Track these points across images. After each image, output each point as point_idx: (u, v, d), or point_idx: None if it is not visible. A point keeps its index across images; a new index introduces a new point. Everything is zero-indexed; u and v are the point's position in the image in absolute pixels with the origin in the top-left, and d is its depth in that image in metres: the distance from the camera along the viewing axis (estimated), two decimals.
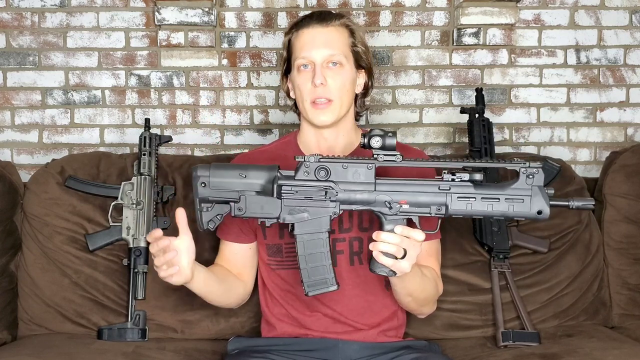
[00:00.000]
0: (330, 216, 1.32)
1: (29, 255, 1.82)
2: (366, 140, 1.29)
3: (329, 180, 1.31)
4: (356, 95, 1.57)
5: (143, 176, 1.82)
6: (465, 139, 2.06)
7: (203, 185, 1.32)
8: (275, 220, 1.32)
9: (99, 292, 1.79)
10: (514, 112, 2.31)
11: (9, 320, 1.79)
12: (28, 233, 1.83)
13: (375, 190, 1.30)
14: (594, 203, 1.31)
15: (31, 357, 1.53)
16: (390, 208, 1.30)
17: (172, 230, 1.81)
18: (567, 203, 1.30)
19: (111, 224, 1.80)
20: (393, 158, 1.29)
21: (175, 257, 1.33)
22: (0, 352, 1.61)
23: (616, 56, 2.30)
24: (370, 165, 1.30)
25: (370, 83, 1.59)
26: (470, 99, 2.20)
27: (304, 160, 1.31)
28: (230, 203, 1.32)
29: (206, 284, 1.46)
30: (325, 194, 1.30)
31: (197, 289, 1.45)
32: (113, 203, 1.80)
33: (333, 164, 1.31)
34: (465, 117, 2.02)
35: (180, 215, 1.35)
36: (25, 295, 1.81)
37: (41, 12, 2.25)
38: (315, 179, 1.31)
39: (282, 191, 1.31)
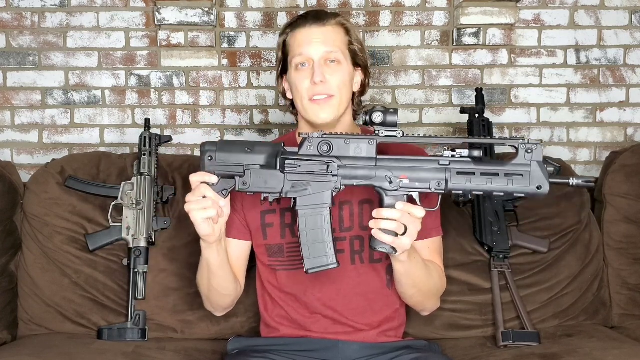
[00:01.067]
0: (332, 191, 1.34)
1: (29, 255, 1.82)
2: (367, 116, 1.32)
3: (331, 156, 1.33)
4: (353, 94, 1.57)
5: (143, 176, 1.82)
6: None
7: (210, 158, 1.35)
8: (278, 195, 1.35)
9: (99, 292, 1.79)
10: (514, 112, 2.31)
11: (9, 320, 1.79)
12: (28, 233, 1.83)
13: (376, 166, 1.32)
14: (594, 183, 1.30)
15: (31, 357, 1.53)
16: (391, 182, 1.32)
17: (172, 230, 1.82)
18: (567, 180, 1.30)
19: (111, 224, 1.80)
20: (394, 134, 1.32)
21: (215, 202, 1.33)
22: (0, 352, 1.61)
23: (616, 56, 2.30)
24: (371, 140, 1.33)
25: (367, 81, 1.60)
26: (470, 99, 2.20)
27: (308, 136, 1.34)
28: (235, 177, 1.34)
29: (220, 258, 1.45)
30: (327, 168, 1.33)
31: (213, 257, 1.44)
32: (113, 203, 1.80)
33: (335, 139, 1.33)
34: (465, 117, 2.02)
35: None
36: (25, 295, 1.81)
37: (41, 12, 2.25)
38: (318, 153, 1.34)
39: (286, 165, 1.33)
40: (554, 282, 1.84)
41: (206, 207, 1.32)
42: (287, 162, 1.34)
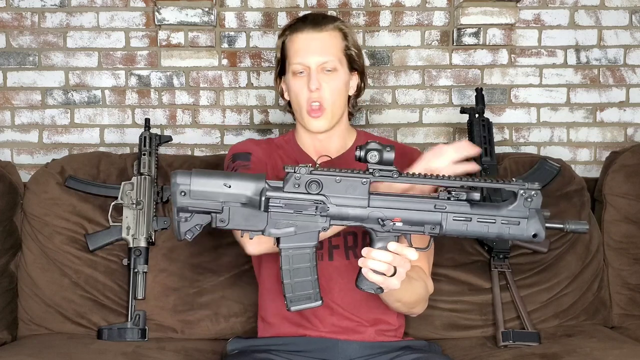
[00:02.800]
0: (319, 231, 1.25)
1: (29, 255, 1.82)
2: (362, 153, 1.22)
3: (320, 194, 1.22)
4: (349, 96, 1.59)
5: (143, 176, 1.82)
6: (465, 139, 2.06)
7: (183, 194, 1.20)
8: (260, 233, 1.24)
9: (99, 292, 1.79)
10: (514, 112, 2.31)
11: (9, 320, 1.78)
12: (28, 233, 1.83)
13: (368, 207, 1.23)
14: (587, 227, 1.27)
15: (31, 357, 1.53)
16: (383, 225, 1.24)
17: (172, 231, 1.82)
18: (561, 226, 1.26)
19: (111, 224, 1.80)
20: (389, 174, 1.22)
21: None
22: (0, 352, 1.61)
23: (616, 56, 2.30)
24: (364, 180, 1.23)
25: (362, 84, 1.61)
26: (470, 99, 2.20)
27: (294, 172, 1.22)
28: (212, 214, 1.22)
29: None
30: (316, 209, 1.23)
31: None
32: (113, 203, 1.80)
33: (326, 177, 1.22)
34: (465, 117, 2.02)
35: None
36: (25, 295, 1.81)
37: (41, 12, 2.25)
38: (306, 192, 1.22)
39: (270, 204, 1.22)
40: (554, 282, 1.84)
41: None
42: (271, 200, 1.21)
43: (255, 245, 1.43)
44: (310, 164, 1.25)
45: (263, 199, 1.21)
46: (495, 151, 1.94)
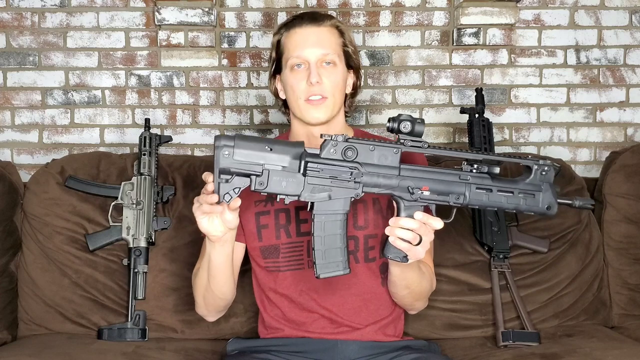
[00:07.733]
0: (352, 198, 1.31)
1: (29, 255, 1.82)
2: (395, 124, 1.29)
3: (356, 162, 1.29)
4: (345, 95, 1.58)
5: (143, 176, 1.82)
6: (465, 139, 2.06)
7: (226, 155, 1.24)
8: (295, 198, 1.28)
9: (99, 292, 1.80)
10: (513, 112, 2.31)
11: (9, 320, 1.79)
12: (28, 233, 1.83)
13: (399, 175, 1.31)
14: (594, 203, 1.34)
15: (31, 357, 1.53)
16: (412, 194, 1.30)
17: (172, 230, 1.82)
18: (570, 201, 1.36)
19: (111, 224, 1.80)
20: (419, 145, 1.30)
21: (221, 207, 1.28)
22: (0, 352, 1.61)
23: (616, 56, 2.30)
24: (396, 149, 1.30)
25: (358, 83, 1.61)
26: (470, 99, 2.20)
27: (332, 139, 1.29)
28: (252, 177, 1.26)
29: (222, 260, 1.41)
30: (351, 175, 1.29)
31: (215, 256, 1.39)
32: (113, 203, 1.80)
33: (361, 145, 1.30)
34: (465, 117, 2.02)
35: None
36: (25, 295, 1.81)
37: (41, 12, 2.25)
38: (343, 158, 1.29)
39: (308, 168, 1.27)
40: (554, 282, 1.85)
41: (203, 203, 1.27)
42: (309, 165, 1.27)
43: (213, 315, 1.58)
44: (345, 134, 1.31)
45: (302, 162, 1.28)
46: (495, 151, 1.94)
